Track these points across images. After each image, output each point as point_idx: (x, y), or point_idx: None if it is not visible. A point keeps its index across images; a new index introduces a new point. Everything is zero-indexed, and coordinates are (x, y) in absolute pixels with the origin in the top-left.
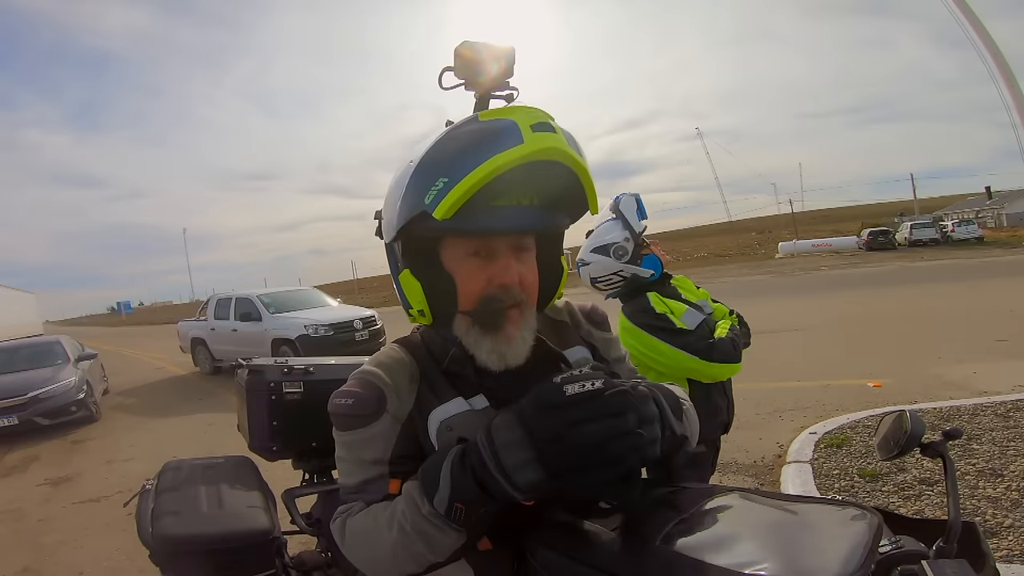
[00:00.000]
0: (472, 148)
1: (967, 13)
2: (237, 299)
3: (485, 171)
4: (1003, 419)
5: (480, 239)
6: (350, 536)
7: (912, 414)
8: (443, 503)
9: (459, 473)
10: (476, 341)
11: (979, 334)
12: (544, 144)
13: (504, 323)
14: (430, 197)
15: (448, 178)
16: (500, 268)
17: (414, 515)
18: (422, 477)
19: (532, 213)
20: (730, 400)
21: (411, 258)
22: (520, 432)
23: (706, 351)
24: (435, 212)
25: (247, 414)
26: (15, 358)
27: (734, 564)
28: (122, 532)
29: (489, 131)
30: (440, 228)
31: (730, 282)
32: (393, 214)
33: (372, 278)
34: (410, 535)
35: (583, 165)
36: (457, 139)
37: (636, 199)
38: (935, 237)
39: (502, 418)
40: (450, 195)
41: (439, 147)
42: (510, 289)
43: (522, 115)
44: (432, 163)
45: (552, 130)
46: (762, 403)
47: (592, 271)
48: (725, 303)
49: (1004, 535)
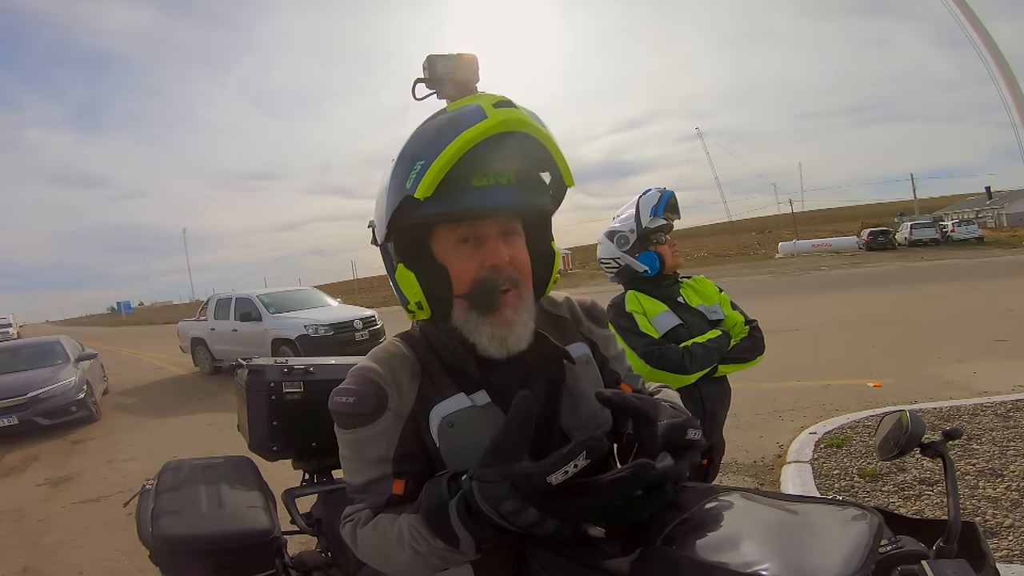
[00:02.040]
0: (442, 131)
1: (967, 13)
2: (237, 299)
3: (455, 147)
4: (1003, 419)
5: (468, 225)
6: (363, 547)
7: (912, 414)
8: (471, 548)
9: (471, 524)
10: (476, 327)
11: (979, 334)
12: (506, 116)
13: (500, 304)
14: (410, 181)
15: (424, 160)
16: (489, 251)
17: (428, 546)
18: (430, 523)
19: (512, 191)
20: (706, 410)
21: (403, 253)
22: (535, 515)
23: (648, 355)
24: (416, 192)
25: (247, 414)
26: (15, 358)
27: (735, 564)
28: (122, 532)
29: (456, 115)
30: (425, 212)
31: (730, 282)
32: (382, 211)
33: (372, 278)
34: (425, 555)
35: (547, 134)
36: (429, 127)
37: (663, 196)
38: (935, 237)
39: (497, 492)
40: (428, 174)
41: (413, 138)
42: (502, 270)
43: (485, 97)
44: (409, 152)
45: (512, 105)
46: (762, 403)
47: (599, 251)
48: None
49: (1004, 535)
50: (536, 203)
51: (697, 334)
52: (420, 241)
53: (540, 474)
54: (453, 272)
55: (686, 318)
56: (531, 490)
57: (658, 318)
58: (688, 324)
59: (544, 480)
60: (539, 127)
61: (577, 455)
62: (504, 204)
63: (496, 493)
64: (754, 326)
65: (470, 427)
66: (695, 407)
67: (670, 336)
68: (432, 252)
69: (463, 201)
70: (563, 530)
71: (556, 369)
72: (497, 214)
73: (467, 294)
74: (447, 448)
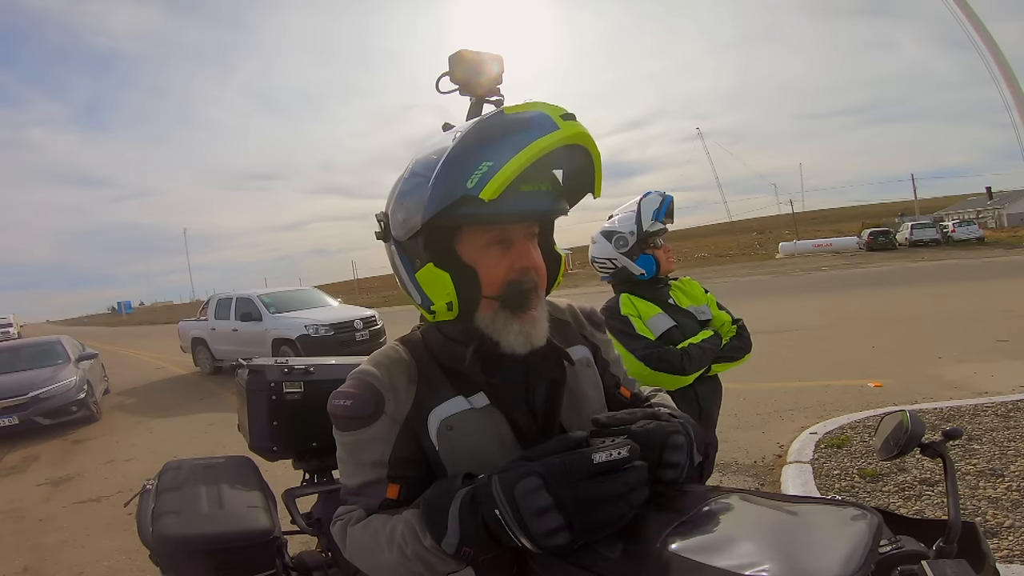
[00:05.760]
0: (512, 134)
1: (969, 14)
2: (238, 299)
3: (530, 153)
4: (1003, 419)
5: (500, 228)
6: (350, 545)
7: (912, 414)
8: (452, 546)
9: (469, 519)
10: (504, 325)
11: (979, 334)
12: (576, 130)
13: (531, 302)
14: (473, 181)
15: (492, 161)
16: (519, 253)
17: (416, 545)
18: (427, 512)
19: (548, 197)
20: (703, 410)
21: (433, 251)
22: (548, 500)
23: (647, 358)
24: (482, 193)
25: (247, 414)
26: (16, 358)
27: (735, 566)
28: (123, 532)
29: (524, 120)
30: (473, 212)
31: (731, 282)
32: (416, 208)
33: (372, 278)
34: (411, 559)
35: (598, 151)
36: (493, 128)
37: (664, 200)
38: (936, 237)
39: (525, 481)
40: (498, 175)
41: (472, 137)
42: (531, 272)
43: (548, 108)
44: (470, 150)
45: (575, 119)
46: (762, 403)
47: (593, 251)
48: (728, 307)
49: (1004, 535)
50: (562, 209)
51: (689, 335)
52: (446, 241)
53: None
54: (482, 273)
55: (678, 319)
56: (556, 473)
57: (653, 320)
58: (681, 325)
59: (589, 458)
60: (595, 143)
61: (622, 446)
62: (541, 209)
63: (516, 473)
64: (740, 325)
65: (469, 429)
66: (691, 407)
67: (665, 338)
68: (456, 252)
69: (509, 204)
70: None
71: (557, 370)
72: (534, 219)
73: (499, 295)
74: (447, 451)
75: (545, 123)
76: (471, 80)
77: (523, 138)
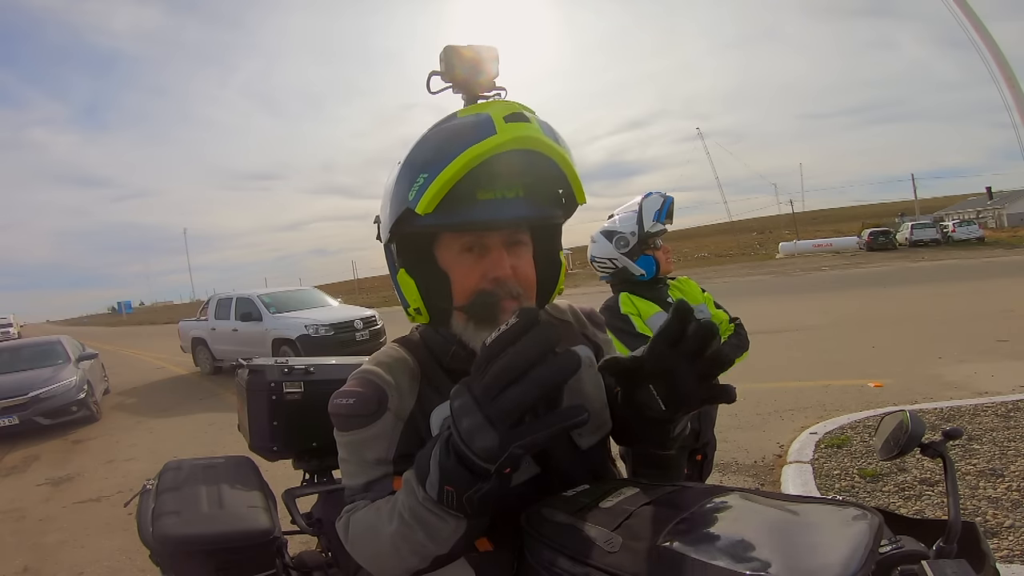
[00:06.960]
0: (448, 143)
1: (969, 14)
2: (238, 299)
3: (460, 163)
4: (1003, 419)
5: (473, 235)
6: (353, 530)
7: (912, 414)
8: (434, 487)
9: (444, 455)
10: (474, 335)
11: (980, 334)
12: (516, 133)
13: (499, 315)
14: (412, 193)
15: (428, 173)
16: (492, 262)
17: (412, 503)
18: (417, 463)
19: (518, 205)
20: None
21: (406, 257)
22: (468, 397)
23: None
24: (417, 207)
25: (247, 414)
26: (16, 358)
27: (734, 564)
28: (123, 532)
29: (465, 125)
30: (427, 224)
31: (731, 282)
32: (386, 215)
33: (373, 278)
34: (409, 524)
35: (560, 152)
36: (435, 136)
37: (665, 201)
38: (936, 237)
39: (456, 393)
40: (430, 189)
41: (420, 145)
42: (504, 283)
43: (497, 108)
44: (413, 161)
45: (526, 120)
46: (762, 403)
47: (593, 250)
48: (727, 307)
49: (1004, 535)
50: (545, 215)
51: None
52: (424, 245)
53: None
54: (454, 280)
55: None
56: (475, 375)
57: (653, 319)
58: None
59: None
60: (552, 144)
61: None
62: (510, 217)
63: (455, 390)
64: (738, 323)
65: None
66: None
67: None
68: (435, 257)
69: (467, 214)
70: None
71: None
72: (502, 227)
73: (466, 306)
74: None
75: (483, 128)
76: (471, 80)
77: (457, 146)
